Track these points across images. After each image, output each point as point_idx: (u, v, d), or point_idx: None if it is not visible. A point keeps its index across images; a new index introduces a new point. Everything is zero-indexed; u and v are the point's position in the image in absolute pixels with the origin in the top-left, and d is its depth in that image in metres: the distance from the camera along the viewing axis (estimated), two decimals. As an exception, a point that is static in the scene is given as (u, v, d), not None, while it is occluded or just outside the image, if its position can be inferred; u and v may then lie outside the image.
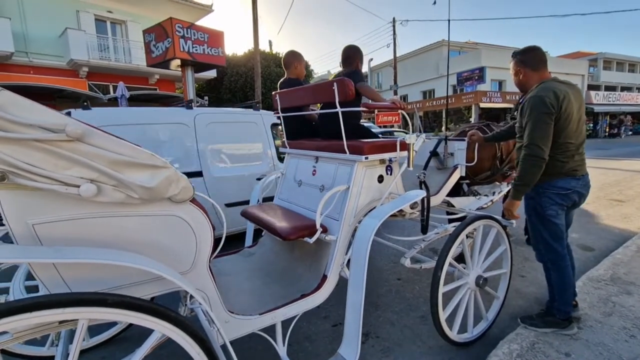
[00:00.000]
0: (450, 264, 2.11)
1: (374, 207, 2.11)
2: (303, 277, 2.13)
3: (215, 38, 12.75)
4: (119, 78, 13.72)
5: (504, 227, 2.42)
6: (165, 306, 1.18)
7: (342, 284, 1.97)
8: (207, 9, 18.01)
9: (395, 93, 22.88)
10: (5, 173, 1.04)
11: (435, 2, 17.69)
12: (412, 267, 2.34)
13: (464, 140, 2.98)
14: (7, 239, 1.88)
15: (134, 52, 15.15)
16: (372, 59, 32.96)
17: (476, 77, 22.60)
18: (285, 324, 1.88)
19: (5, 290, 1.92)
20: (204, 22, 17.30)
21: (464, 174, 3.00)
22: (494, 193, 3.49)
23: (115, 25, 15.95)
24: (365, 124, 4.18)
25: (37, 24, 13.60)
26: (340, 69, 2.68)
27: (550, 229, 2.13)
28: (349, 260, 1.96)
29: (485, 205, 3.31)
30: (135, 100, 13.88)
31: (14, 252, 1.10)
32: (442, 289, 2.03)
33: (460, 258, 2.33)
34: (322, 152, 2.32)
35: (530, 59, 2.13)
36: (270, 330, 1.81)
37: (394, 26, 22.14)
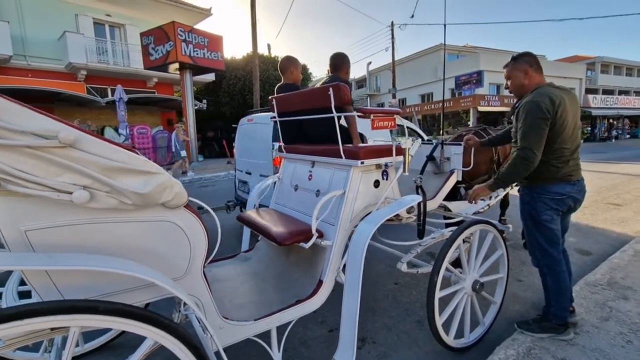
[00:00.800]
0: (447, 269, 2.11)
1: (370, 212, 2.11)
2: (299, 282, 2.12)
3: (214, 42, 12.82)
4: (117, 81, 13.75)
5: (501, 232, 2.42)
6: (158, 313, 1.17)
7: (339, 288, 1.96)
8: (205, 13, 18.07)
9: (394, 96, 22.95)
10: None
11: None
12: (409, 271, 2.34)
13: (460, 144, 2.98)
14: None
15: (133, 56, 15.19)
16: (370, 62, 33.08)
17: (474, 81, 22.72)
18: (281, 329, 1.86)
19: (-2, 296, 1.91)
20: (202, 25, 17.34)
21: (460, 179, 3.00)
22: (490, 197, 3.49)
23: (114, 28, 15.99)
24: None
25: (36, 27, 13.62)
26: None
27: (545, 234, 2.13)
28: (345, 265, 1.95)
29: (481, 210, 3.31)
30: (133, 104, 13.90)
31: (5, 259, 1.09)
32: (439, 294, 2.02)
33: (456, 263, 2.33)
34: (318, 156, 2.32)
35: (535, 62, 2.15)
36: (266, 335, 1.80)
37: (392, 30, 22.27)
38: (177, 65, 11.89)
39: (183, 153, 11.06)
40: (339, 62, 2.74)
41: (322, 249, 2.06)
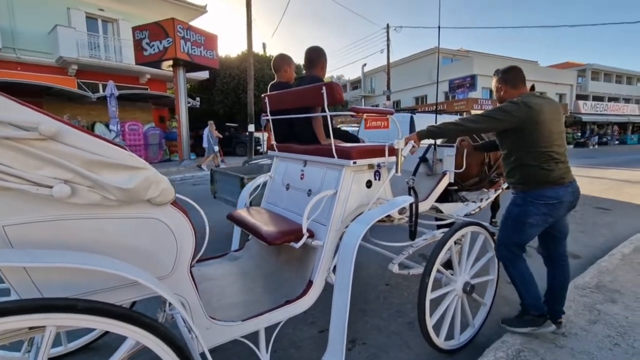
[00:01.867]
0: (438, 271, 2.10)
1: (362, 212, 2.09)
2: (288, 282, 2.09)
3: (210, 41, 12.74)
4: (109, 77, 13.54)
5: (492, 234, 2.42)
6: (139, 312, 1.13)
7: (331, 289, 1.93)
8: (200, 10, 17.92)
9: (388, 98, 23.03)
10: None
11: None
12: (400, 273, 2.32)
13: (452, 146, 2.98)
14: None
15: (125, 51, 14.98)
16: (365, 64, 33.26)
17: (468, 85, 22.93)
18: (270, 329, 1.84)
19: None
20: (197, 23, 17.21)
21: (452, 180, 3.00)
22: (481, 199, 3.50)
23: (107, 23, 15.76)
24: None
25: (26, 20, 13.36)
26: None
27: (522, 236, 2.16)
28: (335, 266, 1.93)
29: (473, 212, 3.32)
30: (125, 100, 13.72)
31: None
32: (430, 296, 2.01)
33: (448, 264, 2.31)
34: (310, 155, 2.29)
35: (510, 78, 2.24)
36: (255, 336, 1.77)
37: (387, 32, 22.34)
38: (170, 62, 11.77)
39: (216, 148, 11.74)
40: (315, 57, 2.55)
41: (313, 249, 2.04)
